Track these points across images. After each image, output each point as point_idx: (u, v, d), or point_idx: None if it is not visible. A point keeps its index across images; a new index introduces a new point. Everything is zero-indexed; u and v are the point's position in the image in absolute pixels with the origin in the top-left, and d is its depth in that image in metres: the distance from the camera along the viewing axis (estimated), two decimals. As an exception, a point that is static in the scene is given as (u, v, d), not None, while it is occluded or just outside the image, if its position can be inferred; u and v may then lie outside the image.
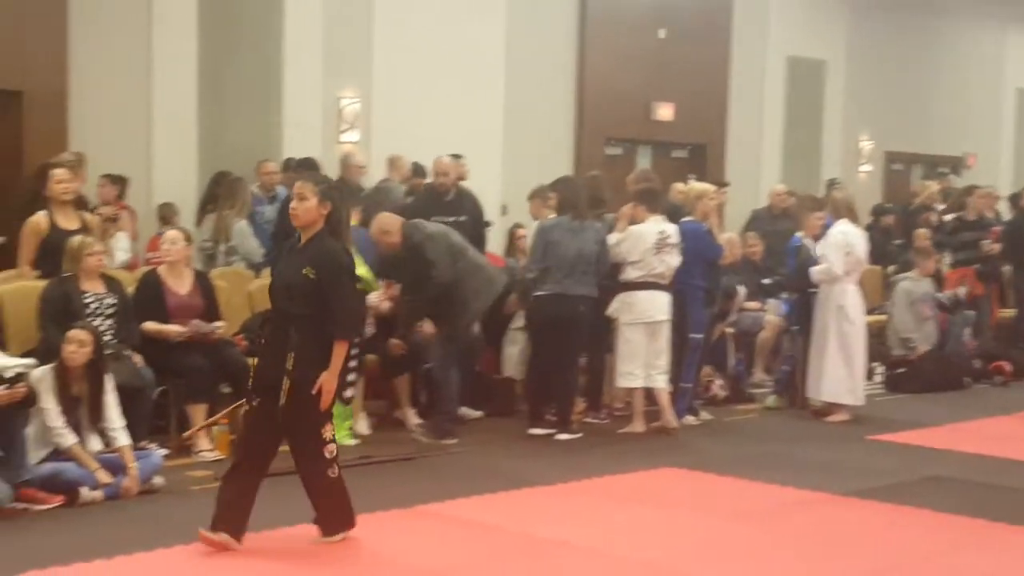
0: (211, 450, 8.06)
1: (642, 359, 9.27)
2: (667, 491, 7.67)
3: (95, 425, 7.10)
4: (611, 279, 9.35)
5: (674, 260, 9.35)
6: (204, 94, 11.32)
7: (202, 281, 8.63)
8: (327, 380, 5.79)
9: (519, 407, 9.90)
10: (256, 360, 6.12)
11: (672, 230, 9.40)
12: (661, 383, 9.38)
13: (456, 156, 11.03)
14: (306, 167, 10.93)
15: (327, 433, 5.94)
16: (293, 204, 5.88)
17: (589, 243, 9.11)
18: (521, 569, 5.85)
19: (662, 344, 9.34)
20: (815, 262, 10.29)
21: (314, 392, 5.77)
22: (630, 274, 9.30)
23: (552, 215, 9.45)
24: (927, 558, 6.30)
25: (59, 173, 8.66)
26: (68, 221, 8.59)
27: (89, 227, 8.65)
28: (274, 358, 5.83)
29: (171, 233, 8.65)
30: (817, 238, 10.46)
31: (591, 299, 9.15)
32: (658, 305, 9.30)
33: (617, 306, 9.36)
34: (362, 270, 8.56)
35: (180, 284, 8.43)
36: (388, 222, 8.88)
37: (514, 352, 10.13)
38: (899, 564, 6.16)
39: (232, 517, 5.85)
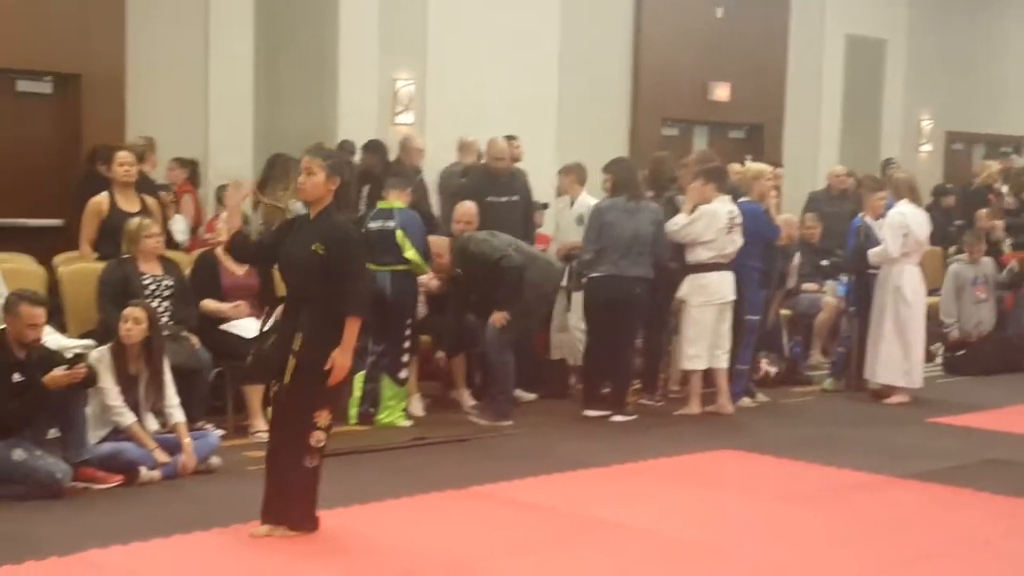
0: (267, 431, 8.08)
1: (708, 340, 9.25)
2: (724, 473, 7.65)
3: (152, 403, 7.18)
4: (678, 260, 9.31)
5: (740, 240, 9.31)
6: (260, 78, 11.39)
7: None
8: (339, 357, 5.63)
9: (574, 389, 9.90)
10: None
11: (736, 210, 9.35)
12: (724, 363, 9.36)
13: (511, 137, 11.04)
14: (372, 150, 10.97)
15: (321, 420, 5.72)
16: (301, 179, 5.79)
17: (645, 224, 9.08)
18: (577, 550, 5.85)
19: (728, 325, 9.33)
20: (875, 243, 10.19)
21: (326, 369, 5.63)
22: (701, 255, 9.23)
23: (581, 193, 9.67)
24: (986, 541, 6.24)
25: (122, 155, 8.78)
26: (129, 203, 8.70)
27: (149, 210, 8.75)
28: (283, 338, 5.76)
29: (237, 180, 8.67)
30: (879, 219, 10.35)
31: (647, 280, 9.12)
32: (728, 286, 9.29)
33: (688, 288, 9.31)
34: (410, 252, 8.60)
35: (236, 265, 8.47)
36: (437, 243, 8.95)
37: (562, 335, 10.10)
38: (957, 547, 6.11)
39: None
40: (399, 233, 8.62)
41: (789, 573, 5.53)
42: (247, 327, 8.02)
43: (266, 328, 6.35)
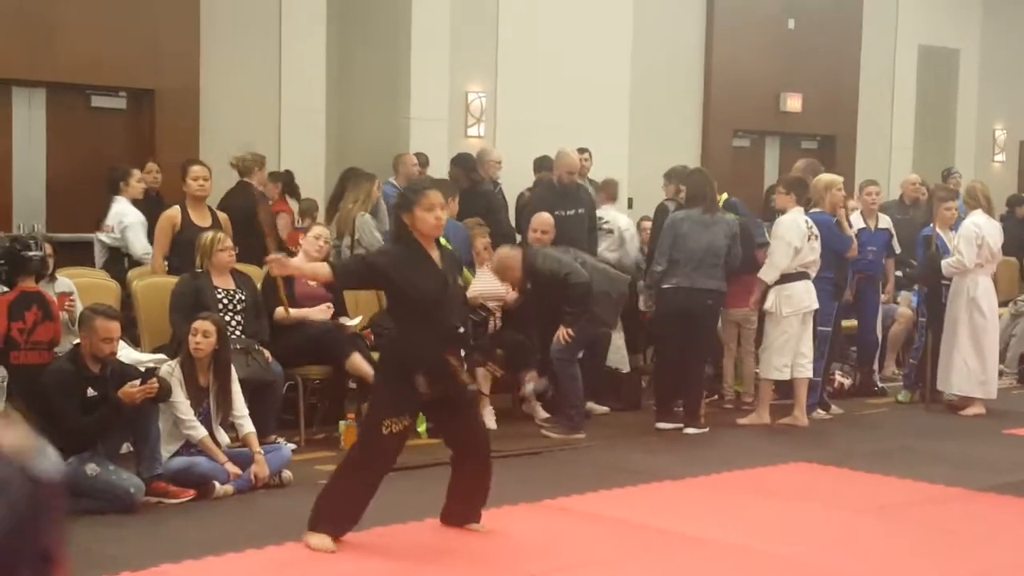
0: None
1: (794, 350, 9.24)
2: (799, 485, 7.61)
3: (223, 416, 7.18)
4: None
5: (819, 249, 9.33)
6: (332, 90, 11.51)
7: None
8: None
9: (647, 401, 9.89)
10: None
11: (811, 220, 9.36)
12: (807, 373, 9.36)
13: (582, 150, 11.07)
14: (459, 164, 11.03)
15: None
16: (439, 215, 5.80)
17: (720, 237, 9.07)
18: (650, 563, 5.85)
19: (810, 334, 9.34)
20: (944, 254, 10.10)
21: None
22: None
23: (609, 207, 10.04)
24: (1067, 555, 6.17)
25: (196, 170, 8.91)
26: (201, 218, 8.82)
27: (223, 224, 8.85)
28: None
29: (318, 228, 8.76)
30: (949, 229, 10.27)
31: (719, 293, 9.11)
32: (811, 295, 9.30)
33: (775, 299, 9.30)
34: None
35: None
36: (510, 257, 8.98)
37: (618, 343, 10.10)
38: (1038, 561, 6.04)
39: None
40: (441, 240, 8.70)
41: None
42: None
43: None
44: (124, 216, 9.35)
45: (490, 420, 9.08)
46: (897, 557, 6.02)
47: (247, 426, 7.21)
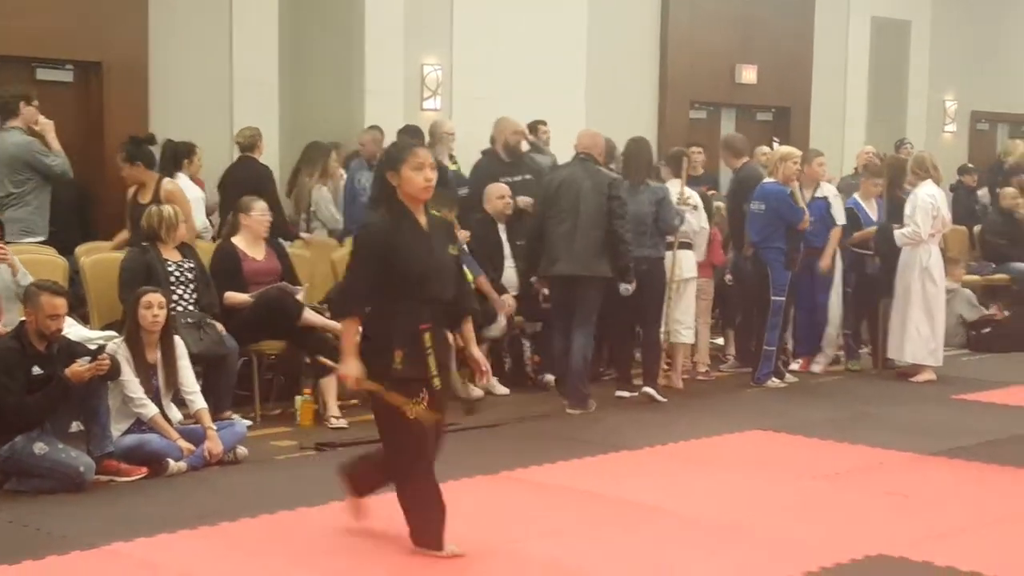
0: (339, 417, 8.13)
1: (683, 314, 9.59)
2: (755, 454, 7.70)
3: (172, 392, 7.11)
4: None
5: (693, 221, 9.57)
6: (285, 63, 11.39)
7: (276, 247, 8.70)
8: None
9: (606, 372, 9.95)
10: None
11: (688, 192, 9.55)
12: (684, 339, 9.66)
13: (540, 122, 11.12)
14: (409, 134, 11.01)
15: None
16: (429, 175, 5.29)
17: (644, 204, 9.05)
18: (608, 533, 5.90)
19: (688, 302, 9.61)
20: (866, 225, 10.44)
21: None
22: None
23: None
24: (1017, 516, 6.30)
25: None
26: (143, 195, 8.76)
27: (173, 198, 8.72)
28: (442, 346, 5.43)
29: (261, 203, 8.68)
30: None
31: (654, 259, 9.14)
32: (690, 263, 9.51)
33: (685, 264, 9.56)
34: None
35: (256, 251, 8.51)
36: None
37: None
38: (988, 522, 6.16)
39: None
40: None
41: (819, 550, 5.57)
42: None
43: None
44: (187, 192, 9.32)
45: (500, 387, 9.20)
46: (850, 522, 6.11)
47: (199, 402, 7.14)
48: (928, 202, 10.10)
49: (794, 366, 10.43)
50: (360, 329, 5.31)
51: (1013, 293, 13.10)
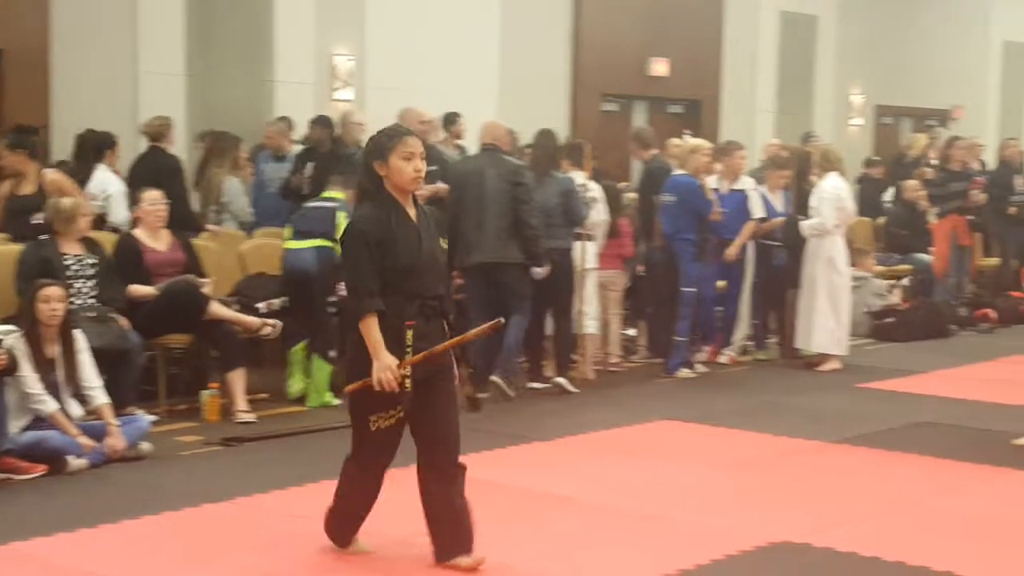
0: (247, 412, 8.07)
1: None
2: (664, 443, 7.77)
3: (73, 388, 6.98)
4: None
5: (594, 214, 9.68)
6: (193, 53, 11.28)
7: (180, 238, 8.57)
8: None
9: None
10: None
11: (592, 184, 9.61)
12: (589, 329, 9.72)
13: (455, 115, 11.12)
14: (321, 125, 10.95)
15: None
16: (419, 165, 5.03)
17: (550, 196, 9.08)
18: (521, 524, 5.92)
19: (590, 292, 9.68)
20: (771, 216, 10.56)
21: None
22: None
23: None
24: (916, 501, 6.43)
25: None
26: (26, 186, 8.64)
27: (58, 190, 8.57)
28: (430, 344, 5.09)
29: (152, 194, 8.50)
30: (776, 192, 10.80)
31: (561, 250, 9.19)
32: (588, 255, 9.57)
33: (591, 255, 9.65)
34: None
35: (158, 242, 8.39)
36: None
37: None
38: (888, 508, 6.28)
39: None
40: (341, 214, 8.69)
41: (725, 538, 5.65)
42: None
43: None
44: (108, 185, 9.22)
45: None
46: (756, 509, 6.21)
47: (100, 397, 7.03)
48: (833, 194, 10.27)
49: (701, 356, 10.53)
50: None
51: (915, 283, 13.38)
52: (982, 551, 5.57)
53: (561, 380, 9.17)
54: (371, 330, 4.92)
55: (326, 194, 8.83)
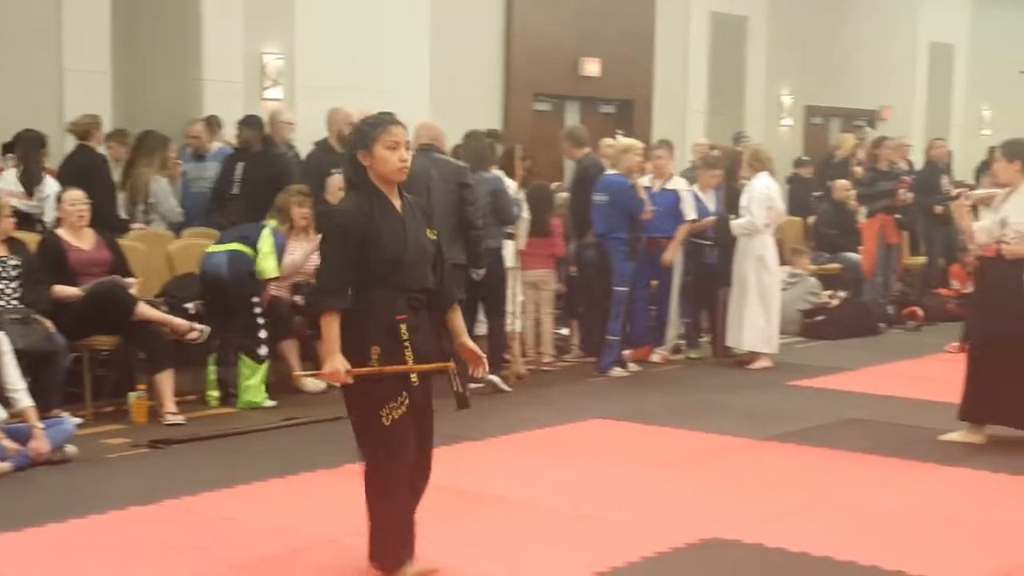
0: (175, 414, 7.99)
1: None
2: (597, 442, 7.79)
3: None
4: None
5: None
6: (119, 51, 11.12)
7: (105, 237, 8.48)
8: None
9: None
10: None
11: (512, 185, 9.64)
12: (514, 327, 9.75)
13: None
14: (250, 125, 10.84)
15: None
16: (405, 155, 4.89)
17: (481, 196, 9.05)
18: (453, 524, 5.90)
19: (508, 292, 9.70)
20: (703, 215, 10.65)
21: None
22: None
23: None
24: (844, 497, 6.48)
25: None
26: None
27: None
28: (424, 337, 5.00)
29: (73, 193, 8.39)
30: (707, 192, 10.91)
31: (493, 250, 9.19)
32: (500, 254, 9.57)
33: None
34: (267, 244, 8.62)
35: (82, 242, 8.30)
36: None
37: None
38: (817, 504, 6.34)
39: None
40: (266, 231, 8.68)
41: (657, 535, 5.67)
42: None
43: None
44: (46, 185, 9.07)
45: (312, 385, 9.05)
46: (687, 507, 6.24)
47: (24, 400, 6.93)
48: (764, 193, 10.35)
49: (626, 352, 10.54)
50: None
51: (845, 282, 13.53)
52: (909, 545, 5.63)
53: (494, 378, 9.16)
54: (329, 328, 4.76)
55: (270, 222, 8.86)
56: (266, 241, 8.61)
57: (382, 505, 4.97)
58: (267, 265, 8.63)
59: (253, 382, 8.56)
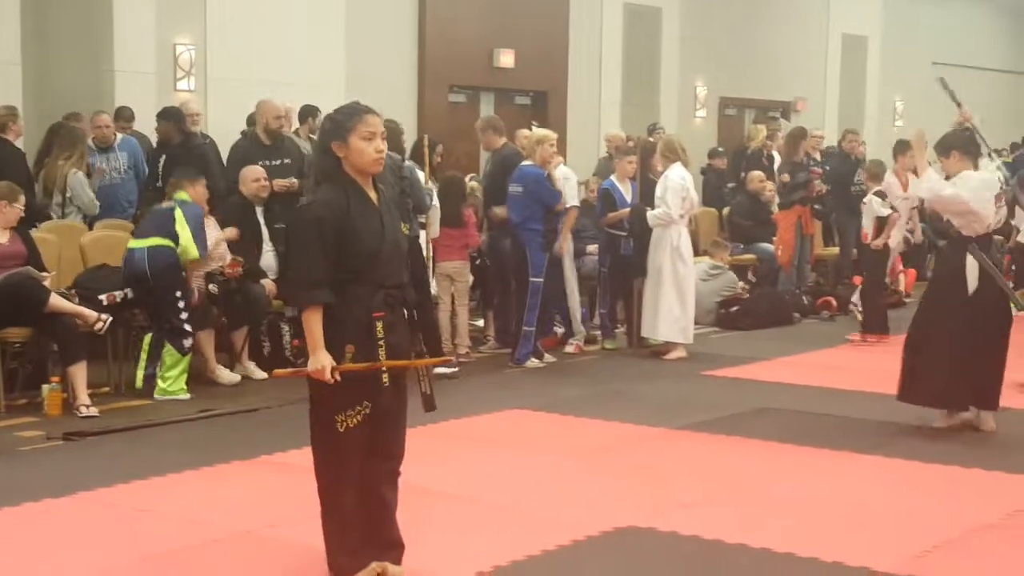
0: (89, 406, 7.92)
1: None
2: (513, 432, 7.83)
3: None
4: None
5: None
6: (28, 41, 10.94)
7: (20, 231, 8.42)
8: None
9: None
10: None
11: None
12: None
13: (311, 108, 11.08)
14: (168, 117, 10.71)
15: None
16: (380, 146, 4.71)
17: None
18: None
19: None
20: (621, 205, 10.70)
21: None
22: None
23: None
24: (758, 485, 6.57)
25: None
26: None
27: None
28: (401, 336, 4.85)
29: (24, 198, 8.40)
30: (629, 180, 10.97)
31: (412, 239, 9.19)
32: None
33: None
34: (184, 231, 8.56)
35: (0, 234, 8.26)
36: None
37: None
38: (731, 491, 6.42)
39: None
40: (178, 212, 8.60)
41: (572, 524, 5.70)
42: None
43: None
44: None
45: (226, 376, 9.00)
46: (603, 496, 6.29)
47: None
48: (678, 183, 10.43)
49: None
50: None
51: (758, 273, 13.70)
52: (822, 532, 5.71)
53: (445, 369, 9.13)
54: (312, 324, 4.60)
55: (176, 195, 8.78)
56: (182, 226, 8.55)
57: (328, 509, 4.86)
58: (190, 250, 8.60)
59: (174, 373, 8.53)
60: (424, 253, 9.53)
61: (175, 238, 8.53)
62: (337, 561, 4.86)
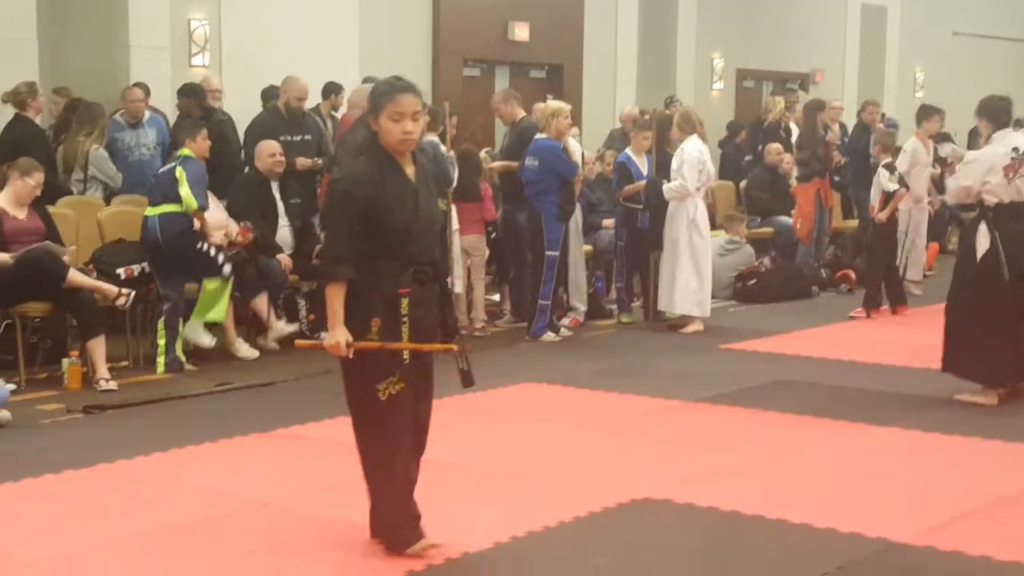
0: (108, 380, 7.96)
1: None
2: (529, 405, 7.82)
3: None
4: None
5: None
6: (44, 18, 10.94)
7: (38, 207, 8.45)
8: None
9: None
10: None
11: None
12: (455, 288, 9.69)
13: (333, 85, 11.08)
14: (187, 94, 10.72)
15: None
16: (411, 126, 4.68)
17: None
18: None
19: None
20: (638, 179, 10.65)
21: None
22: None
23: None
24: (775, 457, 6.57)
25: None
26: None
27: None
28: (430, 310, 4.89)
29: (41, 175, 8.38)
30: (644, 155, 10.88)
31: None
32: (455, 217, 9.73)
33: None
34: (184, 189, 8.60)
35: (18, 211, 8.27)
36: None
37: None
38: (748, 464, 6.41)
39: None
40: (179, 170, 8.64)
41: (589, 496, 5.70)
42: None
43: None
44: None
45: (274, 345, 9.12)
46: (619, 468, 6.29)
47: (-45, 367, 6.90)
48: (695, 156, 10.37)
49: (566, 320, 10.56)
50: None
51: (776, 245, 13.64)
52: (838, 504, 5.70)
53: None
54: (334, 299, 4.61)
55: (180, 152, 8.86)
56: (183, 180, 8.61)
57: (383, 485, 4.87)
58: (190, 203, 8.64)
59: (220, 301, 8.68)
60: (449, 228, 9.51)
61: (180, 200, 8.58)
62: (397, 534, 4.88)
